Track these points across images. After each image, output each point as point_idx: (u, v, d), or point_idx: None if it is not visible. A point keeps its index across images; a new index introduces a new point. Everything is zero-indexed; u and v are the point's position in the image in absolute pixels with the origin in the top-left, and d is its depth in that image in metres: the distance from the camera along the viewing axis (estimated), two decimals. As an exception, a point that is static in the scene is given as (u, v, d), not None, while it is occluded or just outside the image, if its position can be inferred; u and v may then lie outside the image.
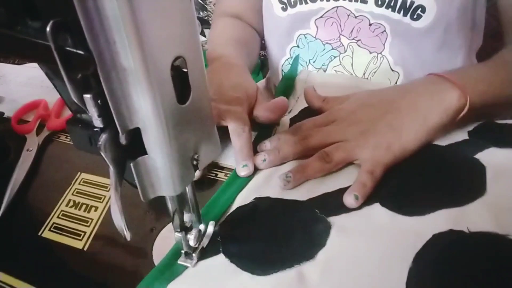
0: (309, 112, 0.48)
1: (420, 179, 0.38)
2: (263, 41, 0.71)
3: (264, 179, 0.40)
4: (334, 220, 0.35)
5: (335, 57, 0.61)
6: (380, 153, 0.39)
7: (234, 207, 0.38)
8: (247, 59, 0.59)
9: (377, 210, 0.35)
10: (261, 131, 0.46)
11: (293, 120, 0.48)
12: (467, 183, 0.37)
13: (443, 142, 0.42)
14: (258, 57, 0.69)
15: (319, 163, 0.39)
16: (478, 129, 0.43)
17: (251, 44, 0.66)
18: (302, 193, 0.38)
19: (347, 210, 0.36)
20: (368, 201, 0.36)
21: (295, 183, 0.39)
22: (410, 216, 0.34)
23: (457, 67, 0.49)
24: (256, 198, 0.38)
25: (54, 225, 0.40)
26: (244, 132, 0.42)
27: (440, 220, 0.33)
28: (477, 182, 0.36)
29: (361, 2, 0.54)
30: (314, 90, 0.49)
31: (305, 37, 0.61)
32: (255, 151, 0.43)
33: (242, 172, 0.40)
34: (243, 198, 0.38)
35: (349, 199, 0.36)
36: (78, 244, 0.38)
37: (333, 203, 0.36)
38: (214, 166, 0.44)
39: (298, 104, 0.51)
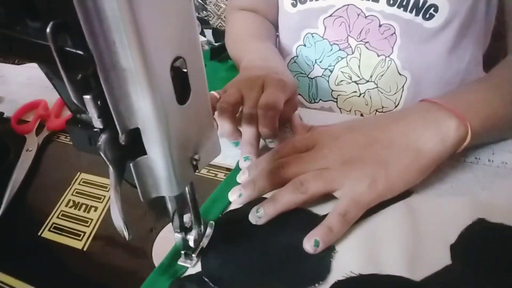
0: None
1: None
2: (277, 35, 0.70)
3: None
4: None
5: (342, 58, 0.60)
6: (361, 189, 0.34)
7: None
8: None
9: None
10: None
11: None
12: None
13: (417, 271, 0.31)
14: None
15: (292, 194, 0.35)
16: (462, 241, 0.34)
17: (271, 38, 0.66)
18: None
19: None
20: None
21: (268, 218, 0.35)
22: None
23: (451, 90, 0.42)
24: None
25: (54, 225, 0.40)
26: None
27: None
28: None
29: (372, 0, 0.53)
30: (300, 119, 0.46)
31: (313, 36, 0.61)
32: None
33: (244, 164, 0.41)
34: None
35: (307, 245, 0.33)
36: (77, 244, 0.38)
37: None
38: (214, 166, 0.44)
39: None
